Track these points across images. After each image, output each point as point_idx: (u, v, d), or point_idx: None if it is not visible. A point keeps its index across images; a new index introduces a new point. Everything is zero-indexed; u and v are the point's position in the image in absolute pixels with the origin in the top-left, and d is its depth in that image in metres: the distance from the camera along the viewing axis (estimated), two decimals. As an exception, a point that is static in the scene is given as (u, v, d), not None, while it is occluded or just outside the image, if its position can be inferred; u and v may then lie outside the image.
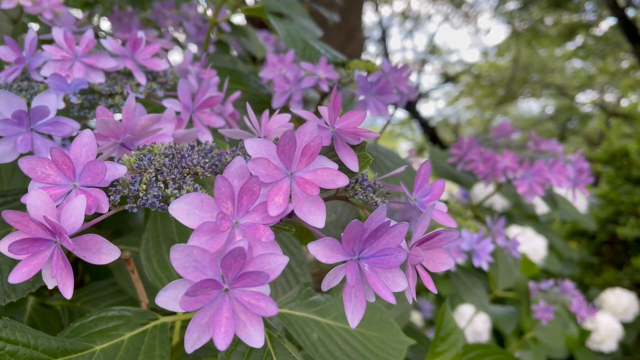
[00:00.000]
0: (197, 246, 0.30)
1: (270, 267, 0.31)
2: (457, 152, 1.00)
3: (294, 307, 0.56)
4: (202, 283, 0.29)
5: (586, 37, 7.97)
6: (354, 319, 0.33)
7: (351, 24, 3.46)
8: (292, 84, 0.72)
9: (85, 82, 0.51)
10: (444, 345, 0.82)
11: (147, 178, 0.36)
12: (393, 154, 0.88)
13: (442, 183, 0.45)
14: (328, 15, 1.69)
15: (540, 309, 1.30)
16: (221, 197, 0.32)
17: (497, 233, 0.92)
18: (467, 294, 0.91)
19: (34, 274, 0.32)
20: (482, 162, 0.95)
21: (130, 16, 0.89)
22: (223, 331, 0.30)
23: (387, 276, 0.35)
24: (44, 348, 0.42)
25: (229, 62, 1.03)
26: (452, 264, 0.40)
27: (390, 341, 0.60)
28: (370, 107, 0.70)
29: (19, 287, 0.52)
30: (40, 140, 0.47)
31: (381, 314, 0.62)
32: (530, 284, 1.41)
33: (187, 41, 0.95)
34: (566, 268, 2.78)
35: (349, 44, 3.51)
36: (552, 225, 3.13)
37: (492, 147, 1.01)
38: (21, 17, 0.90)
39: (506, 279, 0.97)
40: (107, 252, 0.33)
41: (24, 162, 0.33)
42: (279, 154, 0.34)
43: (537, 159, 0.92)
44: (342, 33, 3.45)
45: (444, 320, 0.83)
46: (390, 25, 8.20)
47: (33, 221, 0.31)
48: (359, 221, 0.32)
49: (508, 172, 0.93)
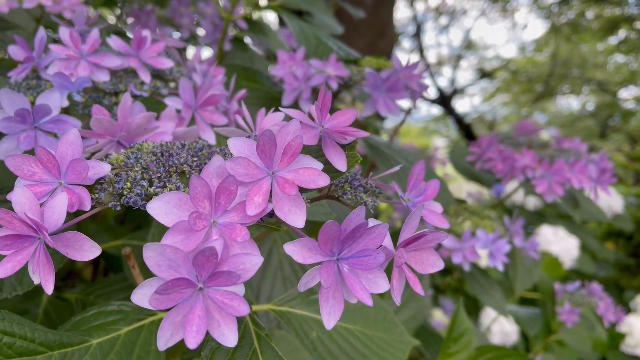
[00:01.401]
0: (169, 245, 0.30)
1: (245, 267, 0.31)
2: (476, 151, 0.99)
3: (295, 305, 0.56)
4: (173, 282, 0.29)
5: (629, 31, 7.72)
6: (330, 320, 0.33)
7: (382, 19, 3.44)
8: (302, 81, 0.71)
9: (89, 80, 0.52)
10: (456, 346, 0.81)
11: (133, 176, 0.36)
12: (407, 152, 0.87)
13: (437, 183, 0.45)
14: (353, 11, 1.69)
15: (565, 311, 1.27)
16: (197, 197, 0.32)
17: (515, 233, 0.90)
18: (484, 295, 0.90)
19: (18, 269, 0.32)
20: (500, 161, 0.93)
21: (148, 14, 0.90)
22: (195, 330, 0.30)
23: (368, 277, 0.34)
24: (41, 341, 0.43)
25: (247, 59, 1.04)
26: (441, 266, 0.40)
27: (393, 341, 0.60)
28: (379, 105, 0.69)
29: (25, 281, 0.53)
30: (44, 138, 0.48)
31: (385, 314, 0.62)
32: (556, 285, 1.38)
33: (204, 39, 0.96)
34: (601, 269, 2.71)
35: (380, 40, 3.49)
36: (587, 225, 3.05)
37: (513, 145, 0.99)
38: (43, 15, 0.92)
39: (525, 280, 0.95)
40: (89, 249, 0.33)
41: (10, 160, 0.34)
42: (259, 153, 0.34)
43: (558, 158, 0.90)
44: (373, 29, 3.44)
45: (457, 321, 0.82)
46: (425, 21, 8.10)
47: (16, 218, 0.32)
48: (335, 222, 0.32)
49: (527, 171, 0.90)
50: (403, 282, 0.39)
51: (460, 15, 8.24)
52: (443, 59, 8.77)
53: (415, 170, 0.43)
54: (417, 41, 7.89)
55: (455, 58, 8.71)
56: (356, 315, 0.59)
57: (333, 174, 0.39)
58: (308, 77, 0.72)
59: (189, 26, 0.94)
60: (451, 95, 8.31)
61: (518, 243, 0.88)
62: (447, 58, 8.78)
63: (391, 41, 3.64)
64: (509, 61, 9.12)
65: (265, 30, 1.05)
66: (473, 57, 9.07)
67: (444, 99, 7.83)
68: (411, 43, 8.29)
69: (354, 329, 0.58)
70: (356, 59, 0.79)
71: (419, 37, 7.81)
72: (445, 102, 7.87)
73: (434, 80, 7.90)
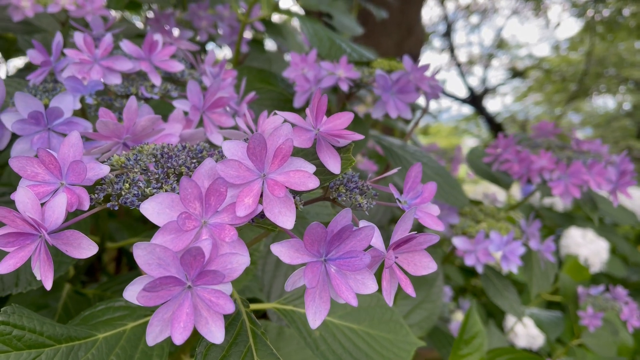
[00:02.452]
0: (159, 244, 0.31)
1: (233, 267, 0.32)
2: (493, 152, 0.98)
3: (299, 304, 0.57)
4: (160, 280, 0.30)
5: (668, 29, 7.48)
6: (315, 319, 0.33)
7: (410, 18, 3.42)
8: (313, 83, 0.72)
9: (101, 83, 0.54)
10: (467, 348, 0.80)
11: (132, 177, 0.37)
12: (422, 153, 0.87)
13: (434, 186, 0.45)
14: (376, 12, 1.69)
15: (587, 315, 1.25)
16: (187, 198, 0.33)
17: (531, 235, 0.89)
18: (498, 297, 0.89)
19: (20, 265, 0.34)
20: (517, 162, 0.92)
21: (167, 17, 0.92)
22: (182, 326, 0.31)
23: (356, 278, 0.35)
24: (49, 334, 0.45)
25: (266, 61, 1.05)
26: (434, 267, 0.40)
27: (398, 342, 0.60)
28: (389, 107, 0.70)
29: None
30: (57, 139, 0.50)
31: (391, 314, 0.62)
32: (579, 288, 1.35)
33: (221, 41, 0.97)
34: (634, 274, 2.64)
35: (408, 39, 3.48)
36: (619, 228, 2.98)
37: (531, 146, 0.98)
38: (68, 19, 0.95)
39: (541, 283, 0.94)
40: (87, 247, 0.35)
41: (14, 162, 0.36)
42: (250, 155, 0.35)
43: (575, 160, 0.88)
44: (401, 28, 3.42)
45: (469, 323, 0.81)
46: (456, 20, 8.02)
47: (18, 217, 0.34)
48: (320, 224, 0.32)
49: (544, 173, 0.89)
50: (395, 284, 0.39)
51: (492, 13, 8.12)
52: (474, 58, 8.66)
53: (412, 173, 0.44)
54: (448, 40, 7.82)
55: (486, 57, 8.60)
56: (361, 315, 0.60)
57: (327, 176, 0.40)
58: (319, 79, 0.72)
59: (207, 29, 0.95)
60: (482, 94, 8.21)
61: (533, 246, 0.87)
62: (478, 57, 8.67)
63: (419, 40, 3.62)
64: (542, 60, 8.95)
65: (283, 32, 1.06)
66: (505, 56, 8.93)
67: (475, 98, 7.75)
68: (442, 42, 8.21)
69: (358, 329, 0.58)
70: (369, 60, 0.80)
71: (449, 36, 7.74)
72: (476, 102, 7.78)
73: (465, 80, 7.82)
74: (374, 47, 3.42)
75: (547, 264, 0.95)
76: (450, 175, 0.86)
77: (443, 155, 1.73)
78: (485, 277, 0.90)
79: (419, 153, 0.87)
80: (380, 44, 3.41)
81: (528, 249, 0.92)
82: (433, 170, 0.83)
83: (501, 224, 0.88)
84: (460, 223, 0.89)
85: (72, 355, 0.45)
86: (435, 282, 0.91)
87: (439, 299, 0.90)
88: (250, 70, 0.82)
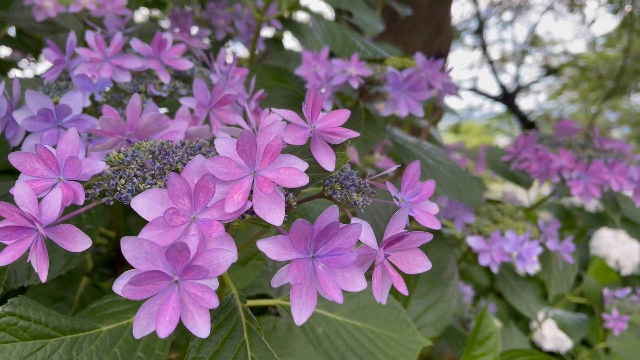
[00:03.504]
0: (146, 239, 0.31)
1: (219, 262, 0.32)
2: (512, 150, 0.96)
3: (303, 301, 0.57)
4: (146, 274, 0.31)
5: None
6: (301, 316, 0.34)
7: (439, 15, 3.39)
8: (324, 80, 0.72)
9: (110, 81, 0.55)
10: (481, 349, 0.79)
11: (128, 173, 0.38)
12: (437, 151, 0.87)
13: (432, 184, 0.44)
14: (400, 9, 1.68)
15: (612, 318, 1.22)
16: (176, 194, 0.33)
17: (549, 235, 0.87)
18: (514, 297, 0.88)
19: (17, 258, 0.35)
20: (536, 161, 0.90)
21: (186, 16, 0.93)
22: (167, 320, 0.31)
23: (345, 275, 0.35)
24: (54, 325, 0.46)
25: (284, 58, 1.06)
26: (428, 266, 0.40)
27: (403, 340, 0.60)
28: (400, 104, 0.69)
29: (51, 270, 0.57)
30: (67, 136, 0.51)
31: (398, 313, 0.62)
32: (605, 291, 1.32)
33: (238, 39, 0.98)
34: (668, 276, 2.57)
35: (437, 36, 3.44)
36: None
37: (552, 145, 0.96)
38: (90, 18, 0.97)
39: (560, 284, 0.92)
40: (81, 241, 0.35)
41: (13, 157, 0.37)
42: (239, 152, 0.35)
43: (596, 159, 0.86)
44: (430, 26, 3.40)
45: (483, 323, 0.81)
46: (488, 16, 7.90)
47: (16, 211, 0.35)
48: (305, 220, 0.32)
49: (564, 172, 0.88)
50: (388, 282, 0.39)
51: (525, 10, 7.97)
52: (507, 56, 8.52)
53: (410, 171, 0.44)
54: (480, 37, 7.71)
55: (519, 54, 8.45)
56: (366, 313, 0.60)
57: (322, 173, 0.40)
58: (330, 77, 0.72)
59: (224, 27, 0.96)
60: (515, 92, 8.07)
61: (551, 246, 0.85)
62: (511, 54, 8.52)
63: (448, 38, 3.58)
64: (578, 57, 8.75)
65: (302, 30, 1.06)
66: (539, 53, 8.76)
67: (507, 96, 7.62)
68: (474, 40, 8.11)
69: (363, 327, 0.58)
70: (383, 58, 0.79)
71: (481, 33, 7.63)
72: (509, 100, 7.66)
73: (497, 77, 7.70)
74: (402, 44, 3.40)
75: (567, 265, 0.93)
76: (465, 174, 0.85)
77: (468, 154, 1.71)
78: (502, 277, 0.89)
79: (434, 151, 0.86)
80: (409, 41, 3.39)
81: (548, 250, 0.91)
82: (447, 169, 0.83)
83: (518, 224, 0.87)
84: (476, 222, 0.88)
85: (77, 347, 0.46)
86: (450, 281, 0.91)
87: (454, 299, 0.89)
88: (264, 68, 0.83)
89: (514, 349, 0.84)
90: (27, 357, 0.44)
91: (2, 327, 0.44)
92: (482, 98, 8.25)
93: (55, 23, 0.95)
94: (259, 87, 0.80)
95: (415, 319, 0.87)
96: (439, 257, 0.92)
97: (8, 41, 1.24)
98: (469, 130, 9.68)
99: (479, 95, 8.01)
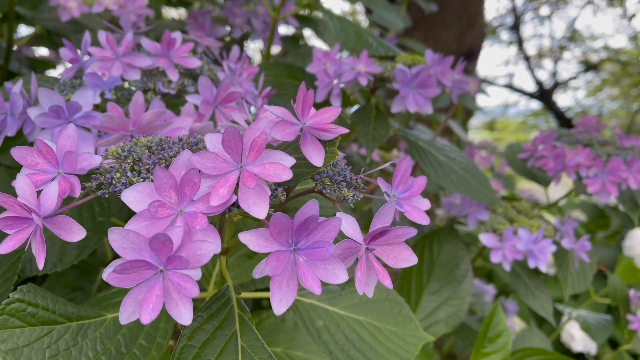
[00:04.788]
0: (132, 230, 0.33)
1: (202, 253, 0.34)
2: (530, 148, 0.95)
3: (305, 294, 0.58)
4: (131, 263, 0.32)
5: None
6: (280, 306, 0.35)
7: (471, 10, 3.35)
8: (332, 78, 0.73)
9: (119, 79, 0.57)
10: (491, 346, 0.79)
11: (124, 167, 0.40)
12: (451, 149, 0.86)
13: (423, 180, 0.45)
14: (425, 5, 1.67)
15: (637, 319, 1.20)
16: (162, 187, 0.35)
17: (565, 234, 0.86)
18: (529, 296, 0.87)
19: (18, 246, 0.37)
20: (552, 159, 0.89)
21: (204, 15, 0.95)
22: (150, 307, 0.33)
23: (326, 268, 0.36)
24: (61, 312, 0.48)
25: (302, 56, 1.07)
26: (414, 260, 0.40)
27: (405, 335, 0.60)
28: (408, 101, 0.70)
29: (64, 260, 0.60)
30: (78, 132, 0.54)
31: (401, 308, 0.62)
32: (631, 292, 1.29)
33: (255, 37, 1.00)
34: None
35: (469, 32, 3.40)
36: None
37: (571, 143, 0.95)
38: (113, 18, 1.00)
39: (577, 284, 0.90)
40: (77, 231, 0.37)
41: (15, 152, 0.39)
42: (225, 148, 0.36)
43: (615, 156, 0.85)
44: (461, 21, 3.36)
45: (494, 321, 0.80)
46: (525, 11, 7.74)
47: (16, 202, 0.37)
48: (284, 214, 0.33)
49: (581, 170, 0.86)
50: (373, 275, 0.40)
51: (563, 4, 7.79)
52: (544, 51, 8.33)
53: (401, 167, 0.44)
54: (516, 33, 7.57)
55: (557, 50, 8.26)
56: (368, 308, 0.61)
57: (312, 169, 0.41)
58: (339, 74, 0.73)
59: (241, 25, 0.98)
60: (552, 89, 7.89)
61: (566, 244, 0.84)
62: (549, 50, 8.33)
63: (481, 33, 3.53)
64: (618, 51, 8.50)
65: (320, 28, 1.07)
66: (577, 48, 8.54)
67: (544, 92, 7.46)
68: (509, 35, 7.96)
69: (364, 321, 0.59)
70: (395, 55, 0.80)
71: (517, 28, 7.49)
72: (545, 96, 7.50)
73: (533, 74, 7.54)
74: (432, 40, 3.37)
75: (585, 265, 0.92)
76: (479, 171, 0.85)
77: (493, 151, 1.69)
78: (516, 275, 0.88)
79: (447, 148, 0.86)
80: (440, 37, 3.36)
81: (564, 249, 0.90)
82: (460, 166, 0.82)
83: (533, 221, 0.86)
84: (489, 220, 0.88)
85: (82, 333, 0.48)
86: (464, 278, 0.90)
87: (467, 296, 0.89)
88: (278, 65, 0.84)
89: (527, 348, 0.84)
90: (35, 341, 0.46)
91: (12, 313, 0.46)
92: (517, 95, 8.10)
93: (79, 23, 0.99)
94: (273, 84, 0.81)
95: (428, 315, 0.87)
96: (453, 254, 0.92)
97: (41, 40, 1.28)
98: (505, 127, 9.52)
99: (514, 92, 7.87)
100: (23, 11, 1.10)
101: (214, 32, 0.94)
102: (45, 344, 0.46)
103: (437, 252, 0.92)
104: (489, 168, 1.70)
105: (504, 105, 9.06)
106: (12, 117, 0.56)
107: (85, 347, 0.48)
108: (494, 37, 7.96)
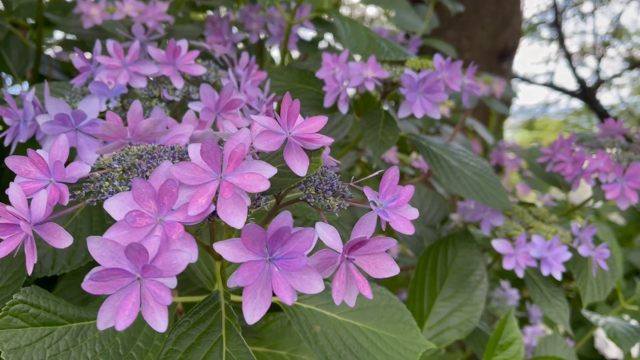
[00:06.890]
0: (110, 239, 0.34)
1: (177, 262, 0.35)
2: (549, 152, 0.93)
3: (304, 300, 0.59)
4: (107, 271, 0.33)
5: None
6: (253, 315, 0.35)
7: (507, 8, 3.29)
8: (340, 83, 0.73)
9: (125, 87, 0.59)
10: (503, 354, 0.78)
11: (113, 176, 0.41)
12: (465, 153, 0.85)
13: (411, 189, 0.45)
14: (452, 6, 1.65)
15: (666, 329, 1.16)
16: (141, 197, 0.36)
17: (583, 240, 0.84)
18: (545, 304, 0.85)
19: (10, 251, 0.39)
20: (571, 163, 0.87)
21: (222, 21, 0.97)
22: (126, 314, 0.34)
23: (302, 278, 0.36)
24: (62, 314, 0.50)
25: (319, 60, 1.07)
26: (396, 271, 0.40)
27: (405, 342, 0.60)
28: (415, 106, 0.69)
29: (73, 261, 0.62)
30: (84, 139, 0.56)
31: (402, 315, 0.62)
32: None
33: (271, 42, 1.01)
34: None
35: (504, 30, 3.34)
36: None
37: (592, 147, 0.92)
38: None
39: (597, 292, 0.88)
40: (64, 238, 0.39)
41: (9, 161, 0.40)
42: (204, 158, 0.37)
43: (635, 162, 0.82)
44: (496, 19, 3.30)
45: (506, 328, 0.79)
46: (566, 7, 7.54)
47: (8, 210, 0.38)
48: (255, 224, 0.34)
49: (600, 176, 0.84)
50: (352, 285, 0.40)
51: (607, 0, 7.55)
52: (586, 48, 8.10)
53: (388, 175, 0.44)
54: (557, 30, 7.39)
55: (600, 46, 8.01)
56: (368, 314, 0.61)
57: (295, 178, 0.42)
58: (348, 79, 0.73)
59: (258, 30, 0.99)
60: (594, 87, 7.66)
61: (583, 251, 0.82)
62: (592, 47, 8.09)
63: (516, 32, 3.47)
64: (666, 48, 8.19)
65: (334, 30, 1.07)
66: (622, 45, 8.26)
67: (586, 91, 7.26)
68: (550, 32, 7.77)
69: (363, 327, 0.59)
70: (406, 59, 0.79)
71: (558, 25, 7.31)
72: (587, 95, 7.29)
73: (575, 72, 7.35)
74: (466, 39, 3.32)
75: (604, 273, 0.89)
76: (493, 176, 0.83)
77: (520, 153, 1.66)
78: (532, 282, 0.87)
79: (461, 153, 0.85)
80: (474, 36, 3.31)
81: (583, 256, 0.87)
82: (473, 171, 0.81)
83: (550, 227, 0.84)
84: (504, 225, 0.86)
85: (82, 334, 0.50)
86: (479, 284, 0.89)
87: (481, 302, 0.88)
88: (291, 70, 0.85)
89: (542, 356, 0.82)
90: (37, 341, 0.48)
91: (15, 314, 0.48)
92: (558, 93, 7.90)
93: (103, 30, 1.02)
94: (285, 89, 0.82)
95: (440, 321, 0.87)
96: (467, 259, 0.91)
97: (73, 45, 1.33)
98: (545, 126, 9.30)
99: (555, 91, 7.68)
100: (53, 17, 1.14)
101: (231, 37, 0.96)
102: (46, 344, 0.48)
103: (451, 258, 0.91)
104: (518, 170, 1.67)
105: (544, 104, 8.85)
106: (24, 125, 0.59)
107: (84, 348, 0.49)
108: (534, 34, 7.78)
